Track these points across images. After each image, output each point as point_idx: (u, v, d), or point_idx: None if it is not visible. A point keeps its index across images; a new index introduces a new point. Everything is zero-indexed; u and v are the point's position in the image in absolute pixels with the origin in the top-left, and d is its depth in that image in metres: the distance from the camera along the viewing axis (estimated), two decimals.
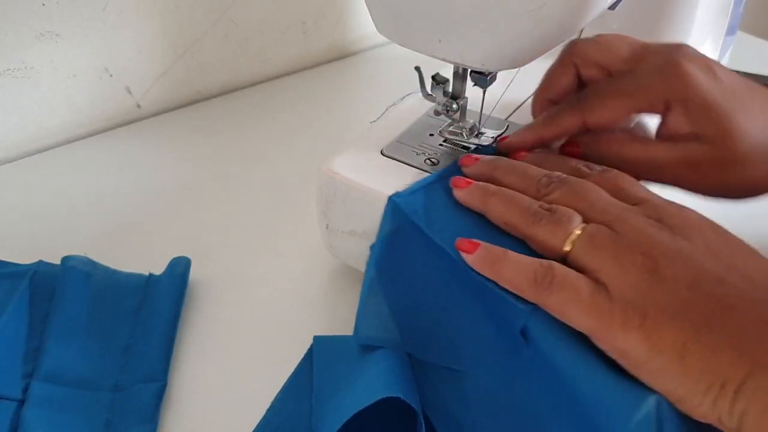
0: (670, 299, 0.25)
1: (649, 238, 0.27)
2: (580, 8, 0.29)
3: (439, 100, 0.38)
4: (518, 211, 0.31)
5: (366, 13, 0.34)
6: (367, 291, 0.34)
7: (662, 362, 0.25)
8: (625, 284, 0.26)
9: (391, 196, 0.34)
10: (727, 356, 0.24)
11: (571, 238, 0.28)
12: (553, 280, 0.27)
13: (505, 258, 0.29)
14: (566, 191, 0.31)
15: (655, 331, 0.25)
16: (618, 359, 0.26)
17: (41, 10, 0.50)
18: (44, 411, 0.33)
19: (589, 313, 0.26)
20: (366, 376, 0.31)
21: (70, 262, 0.39)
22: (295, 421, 0.32)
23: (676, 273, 0.26)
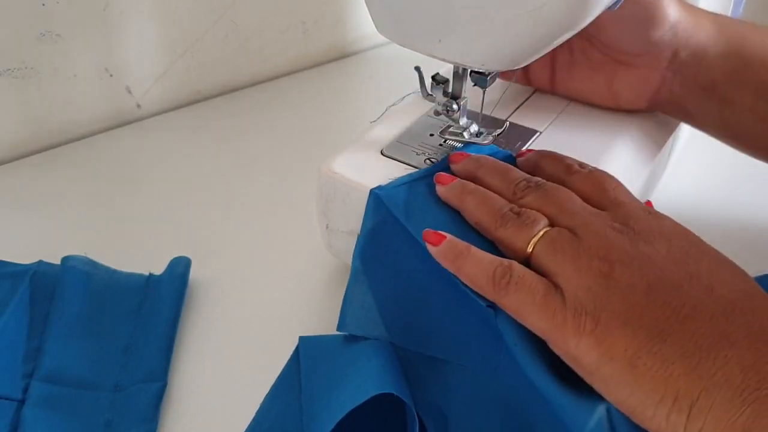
0: (624, 305, 0.25)
1: (608, 242, 0.27)
2: (580, 8, 0.29)
3: (439, 100, 0.38)
4: (489, 212, 0.31)
5: (366, 13, 0.34)
6: (352, 282, 0.34)
7: (613, 370, 0.24)
8: (580, 288, 0.26)
9: (373, 189, 0.34)
10: (679, 368, 0.23)
11: (534, 240, 0.29)
12: (510, 280, 0.27)
13: (467, 254, 0.29)
14: (539, 195, 0.31)
15: (607, 337, 0.24)
16: (571, 365, 0.26)
17: (41, 10, 0.50)
18: (44, 411, 0.33)
19: (542, 316, 0.26)
20: (357, 374, 0.31)
21: (70, 262, 0.39)
22: (284, 421, 0.32)
23: (632, 278, 0.25)
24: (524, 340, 0.28)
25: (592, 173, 0.32)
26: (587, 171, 0.33)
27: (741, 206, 0.48)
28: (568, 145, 0.37)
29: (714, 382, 0.22)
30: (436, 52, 0.33)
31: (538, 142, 0.40)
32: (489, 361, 0.31)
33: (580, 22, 0.30)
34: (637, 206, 0.30)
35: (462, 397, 0.31)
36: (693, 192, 0.50)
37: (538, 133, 0.41)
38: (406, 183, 0.35)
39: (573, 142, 0.40)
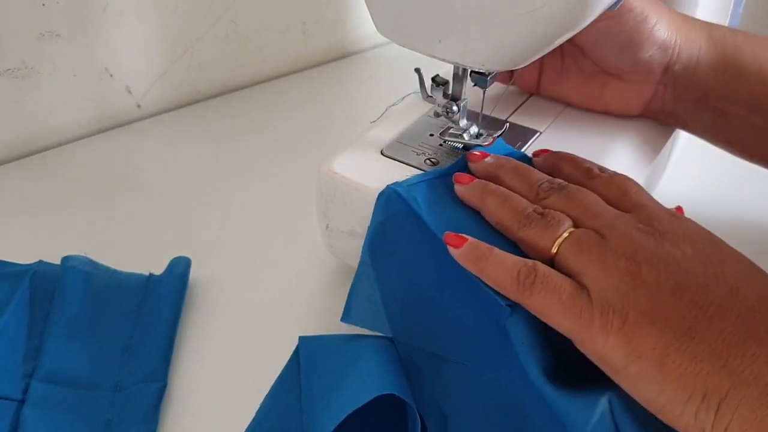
0: (652, 304, 0.25)
1: (634, 242, 0.27)
2: (580, 8, 0.29)
3: (439, 102, 0.38)
4: (512, 212, 0.31)
5: (366, 13, 0.34)
6: (359, 274, 0.34)
7: (641, 368, 0.24)
8: (607, 287, 0.26)
9: (389, 185, 0.34)
10: (708, 365, 0.23)
11: (558, 240, 0.29)
12: (534, 280, 0.27)
13: (490, 255, 0.29)
14: (562, 197, 0.31)
15: (635, 336, 0.25)
16: (599, 364, 0.26)
17: (41, 10, 0.50)
18: (44, 411, 0.33)
19: (568, 315, 0.26)
20: (357, 374, 0.31)
21: (70, 262, 0.39)
22: (284, 422, 0.32)
23: (658, 278, 0.26)
24: (532, 340, 0.28)
25: (613, 177, 0.32)
26: (608, 175, 0.33)
27: (741, 207, 0.48)
28: (568, 145, 0.37)
29: (742, 379, 0.23)
30: (436, 52, 0.33)
31: (538, 143, 0.40)
32: (491, 361, 0.31)
33: (580, 22, 0.30)
34: (660, 209, 0.30)
35: (462, 396, 0.31)
36: (692, 193, 0.50)
37: (538, 133, 0.41)
38: (424, 181, 0.35)
39: (573, 142, 0.40)
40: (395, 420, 0.31)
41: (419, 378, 0.33)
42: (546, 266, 0.28)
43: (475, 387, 0.31)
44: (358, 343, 0.34)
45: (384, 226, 0.34)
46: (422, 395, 0.32)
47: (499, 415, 0.30)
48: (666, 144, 0.44)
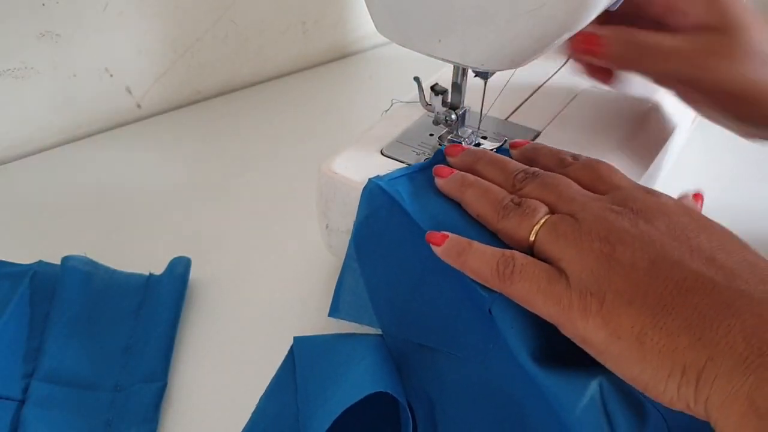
0: (627, 283, 0.25)
1: (607, 223, 0.27)
2: (580, 8, 0.29)
3: (438, 110, 0.38)
4: (490, 204, 0.31)
5: (366, 13, 0.34)
6: (345, 268, 0.35)
7: (622, 348, 0.25)
8: (583, 270, 0.26)
9: (371, 178, 0.34)
10: (684, 340, 0.23)
11: (535, 228, 0.29)
12: (513, 270, 0.28)
13: (469, 249, 0.30)
14: (537, 184, 0.31)
15: (613, 317, 0.25)
16: (582, 346, 0.27)
17: (41, 10, 0.50)
18: (44, 411, 0.33)
19: (548, 302, 0.27)
20: (351, 373, 0.32)
21: (70, 262, 0.39)
22: (280, 422, 0.32)
23: (633, 257, 0.26)
24: (520, 324, 0.29)
25: (587, 162, 0.33)
26: (581, 161, 0.33)
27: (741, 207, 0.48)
28: (568, 145, 0.37)
29: (718, 350, 0.23)
30: (436, 52, 0.33)
31: (537, 142, 0.40)
32: (478, 350, 0.31)
33: (580, 22, 0.30)
34: (635, 188, 0.30)
35: (450, 385, 0.32)
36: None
37: (538, 133, 0.41)
38: (405, 175, 0.35)
39: (573, 142, 0.40)
40: (388, 417, 0.32)
41: (409, 367, 0.33)
42: (524, 255, 0.28)
43: (462, 376, 0.32)
44: (352, 343, 0.34)
45: (368, 219, 0.34)
46: (411, 384, 0.33)
47: (487, 403, 0.31)
48: (665, 144, 0.44)
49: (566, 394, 0.27)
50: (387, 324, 0.34)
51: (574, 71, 0.43)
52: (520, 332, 0.28)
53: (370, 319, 0.35)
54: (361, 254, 0.35)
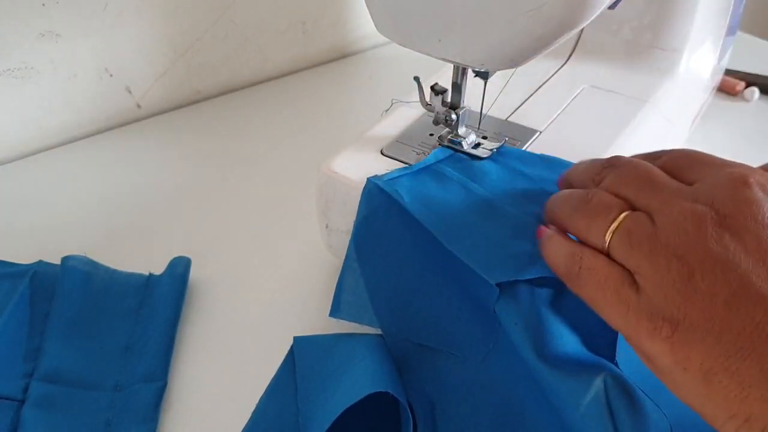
0: (704, 316, 0.23)
1: (687, 238, 0.24)
2: (579, 8, 0.29)
3: (438, 110, 0.38)
4: (563, 201, 0.30)
5: (366, 13, 0.34)
6: (345, 269, 0.35)
7: (686, 379, 0.23)
8: (658, 290, 0.24)
9: (370, 178, 0.34)
10: (756, 392, 0.22)
11: (610, 230, 0.27)
12: (580, 270, 0.26)
13: (549, 240, 0.29)
14: (616, 175, 0.29)
15: (683, 348, 0.23)
16: (643, 361, 0.25)
17: (41, 10, 0.50)
18: (44, 411, 0.33)
19: (614, 312, 0.25)
20: (352, 373, 0.32)
21: (70, 262, 0.39)
22: (280, 422, 0.32)
23: (713, 287, 0.23)
24: (523, 321, 0.28)
25: (679, 151, 0.29)
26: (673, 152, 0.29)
27: None
28: (568, 145, 0.37)
29: None
30: (436, 52, 0.33)
31: (537, 142, 0.40)
32: (478, 350, 0.31)
33: (580, 22, 0.30)
34: (726, 180, 0.25)
35: (450, 385, 0.32)
36: None
37: (538, 132, 0.41)
38: (403, 175, 0.35)
39: (573, 142, 0.40)
40: (388, 417, 0.32)
41: (407, 368, 0.33)
42: (594, 254, 0.27)
43: (462, 376, 0.32)
44: (352, 342, 0.34)
45: (367, 219, 0.34)
46: (410, 384, 0.33)
47: (486, 403, 0.31)
48: (665, 144, 0.44)
49: (570, 390, 0.26)
50: (387, 324, 0.34)
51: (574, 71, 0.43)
52: (524, 329, 0.28)
53: (370, 319, 0.35)
54: (360, 254, 0.35)
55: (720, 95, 0.64)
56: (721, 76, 0.61)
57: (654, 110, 0.44)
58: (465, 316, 0.32)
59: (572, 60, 0.50)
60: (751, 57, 0.70)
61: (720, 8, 0.50)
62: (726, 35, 0.53)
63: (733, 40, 0.57)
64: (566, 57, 0.50)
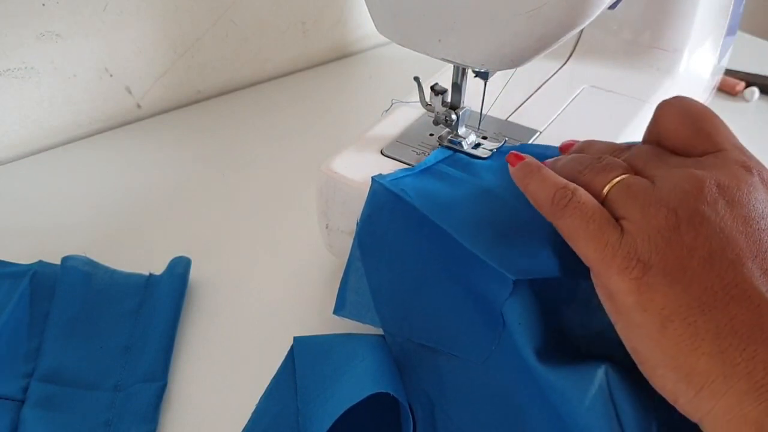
0: (677, 265, 0.24)
1: (683, 195, 0.25)
2: (579, 8, 0.29)
3: (438, 110, 0.38)
4: (575, 162, 0.30)
5: (366, 13, 0.34)
6: (349, 268, 0.35)
7: (643, 320, 0.24)
8: (642, 233, 0.25)
9: (375, 177, 0.34)
10: (706, 346, 0.23)
11: (610, 184, 0.28)
12: (568, 203, 0.27)
13: (536, 172, 0.29)
14: (633, 151, 0.30)
15: (650, 290, 0.24)
16: (603, 298, 0.26)
17: (41, 10, 0.50)
18: (44, 411, 0.33)
19: (591, 244, 0.26)
20: (352, 373, 0.32)
21: (70, 262, 0.39)
22: (281, 422, 0.32)
23: (695, 241, 0.24)
24: (528, 320, 0.29)
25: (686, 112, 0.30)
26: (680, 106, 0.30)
27: None
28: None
29: (736, 372, 0.22)
30: (436, 52, 0.33)
31: (538, 142, 0.40)
32: (480, 351, 0.31)
33: (580, 22, 0.30)
34: (733, 154, 0.27)
35: (451, 386, 0.32)
36: None
37: (538, 132, 0.41)
38: (409, 175, 0.35)
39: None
40: (388, 417, 0.32)
41: (408, 368, 0.33)
42: (586, 194, 0.27)
43: (463, 377, 0.32)
44: (353, 343, 0.34)
45: (371, 218, 0.34)
46: (411, 384, 0.33)
47: (487, 405, 0.31)
48: None
49: (574, 387, 0.27)
50: (388, 324, 0.34)
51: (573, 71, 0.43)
52: (527, 329, 0.28)
53: (372, 318, 0.35)
54: (364, 253, 0.35)
55: (720, 95, 0.64)
56: (721, 76, 0.61)
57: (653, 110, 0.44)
58: (468, 317, 0.32)
59: (572, 60, 0.50)
60: (751, 57, 0.70)
61: (720, 8, 0.50)
62: (726, 35, 0.53)
63: (733, 40, 0.57)
64: (566, 57, 0.50)
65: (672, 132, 0.29)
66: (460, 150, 0.38)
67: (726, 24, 0.52)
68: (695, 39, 0.48)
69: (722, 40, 0.53)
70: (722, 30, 0.52)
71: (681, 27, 0.47)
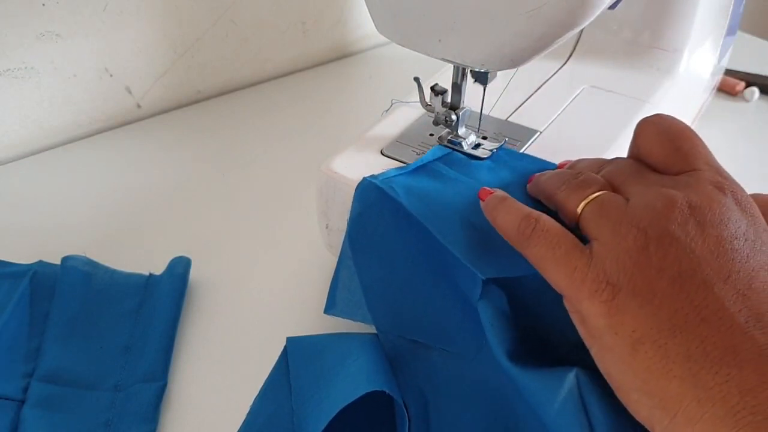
0: (647, 287, 0.24)
1: (654, 215, 0.25)
2: (579, 8, 0.29)
3: (438, 110, 0.38)
4: (556, 178, 0.31)
5: (366, 13, 0.34)
6: (340, 265, 0.35)
7: (614, 343, 0.24)
8: (610, 254, 0.25)
9: (365, 177, 0.34)
10: (678, 370, 0.22)
11: (584, 202, 0.28)
12: (534, 230, 0.27)
13: (501, 204, 0.30)
14: (612, 167, 0.30)
15: (619, 313, 0.24)
16: (576, 323, 0.26)
17: (41, 10, 0.50)
18: (44, 411, 0.33)
19: (560, 270, 0.26)
20: (346, 372, 0.32)
21: (70, 262, 0.39)
22: (275, 422, 0.32)
23: (663, 261, 0.24)
24: (499, 322, 0.29)
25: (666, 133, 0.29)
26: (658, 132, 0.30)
27: None
28: (569, 145, 0.37)
29: (709, 396, 0.22)
30: (436, 52, 0.33)
31: (538, 142, 0.40)
32: (470, 346, 0.31)
33: (580, 22, 0.30)
34: (708, 175, 0.27)
35: (443, 381, 0.32)
36: None
37: (538, 133, 0.41)
38: (399, 174, 0.35)
39: (573, 142, 0.40)
40: (384, 416, 0.32)
41: (401, 364, 0.33)
42: (550, 219, 0.28)
43: (455, 372, 0.32)
44: (346, 342, 0.34)
45: (361, 216, 0.34)
46: (404, 380, 0.33)
47: (478, 399, 0.31)
48: None
49: (544, 389, 0.27)
50: (380, 321, 0.34)
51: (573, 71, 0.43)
52: (499, 330, 0.29)
53: (364, 316, 0.35)
54: (355, 251, 0.35)
55: (720, 95, 0.64)
56: (721, 76, 0.61)
57: (654, 110, 0.44)
58: (457, 312, 0.32)
59: (572, 60, 0.50)
60: (751, 57, 0.70)
61: (720, 8, 0.50)
62: (726, 35, 0.53)
63: (733, 40, 0.57)
64: (566, 57, 0.50)
65: (649, 150, 0.29)
66: (459, 150, 0.38)
67: (726, 24, 0.52)
68: (695, 39, 0.48)
69: (722, 40, 0.53)
70: (722, 30, 0.52)
71: (681, 27, 0.47)
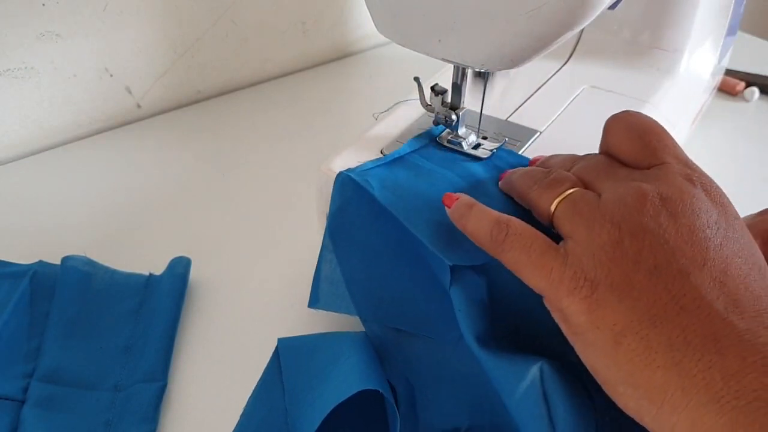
0: (624, 280, 0.24)
1: (626, 209, 0.25)
2: (579, 8, 0.29)
3: (438, 110, 0.38)
4: (529, 177, 0.31)
5: (366, 13, 0.34)
6: (321, 258, 0.36)
7: (596, 338, 0.24)
8: (586, 251, 0.25)
9: (341, 171, 0.35)
10: (661, 359, 0.22)
11: (557, 200, 0.28)
12: (506, 236, 0.27)
13: (470, 211, 0.29)
14: (583, 164, 0.30)
15: (600, 307, 0.24)
16: (559, 321, 0.26)
17: (41, 10, 0.50)
18: (44, 411, 0.33)
19: (537, 273, 0.26)
20: (338, 372, 0.32)
21: (70, 262, 0.39)
22: (270, 423, 0.32)
23: (639, 253, 0.24)
24: (466, 308, 0.29)
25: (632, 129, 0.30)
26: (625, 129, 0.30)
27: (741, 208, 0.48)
28: (569, 145, 0.37)
29: (693, 383, 0.22)
30: (436, 52, 0.33)
31: (538, 142, 0.40)
32: (450, 333, 0.32)
33: (580, 22, 0.30)
34: (677, 167, 0.27)
35: (427, 367, 0.33)
36: None
37: (538, 133, 0.41)
38: (375, 167, 0.35)
39: (573, 142, 0.40)
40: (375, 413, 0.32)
41: (387, 353, 0.34)
42: (521, 222, 0.28)
43: (437, 359, 0.32)
44: (338, 341, 0.35)
45: (341, 210, 0.35)
46: (390, 368, 0.33)
47: (463, 383, 0.31)
48: None
49: (508, 377, 0.27)
50: (364, 311, 0.35)
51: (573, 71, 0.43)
52: (468, 315, 0.29)
53: (347, 307, 0.35)
54: (335, 244, 0.35)
55: (720, 95, 0.64)
56: (721, 76, 0.61)
57: (654, 110, 0.44)
58: (437, 300, 0.32)
59: (572, 60, 0.50)
60: (751, 57, 0.70)
61: (720, 8, 0.50)
62: (726, 35, 0.53)
63: (733, 40, 0.57)
64: (566, 57, 0.50)
65: (619, 146, 0.30)
66: (460, 150, 0.38)
67: (726, 24, 0.52)
68: (695, 39, 0.48)
69: (722, 40, 0.53)
70: (722, 30, 0.52)
71: (681, 27, 0.47)
